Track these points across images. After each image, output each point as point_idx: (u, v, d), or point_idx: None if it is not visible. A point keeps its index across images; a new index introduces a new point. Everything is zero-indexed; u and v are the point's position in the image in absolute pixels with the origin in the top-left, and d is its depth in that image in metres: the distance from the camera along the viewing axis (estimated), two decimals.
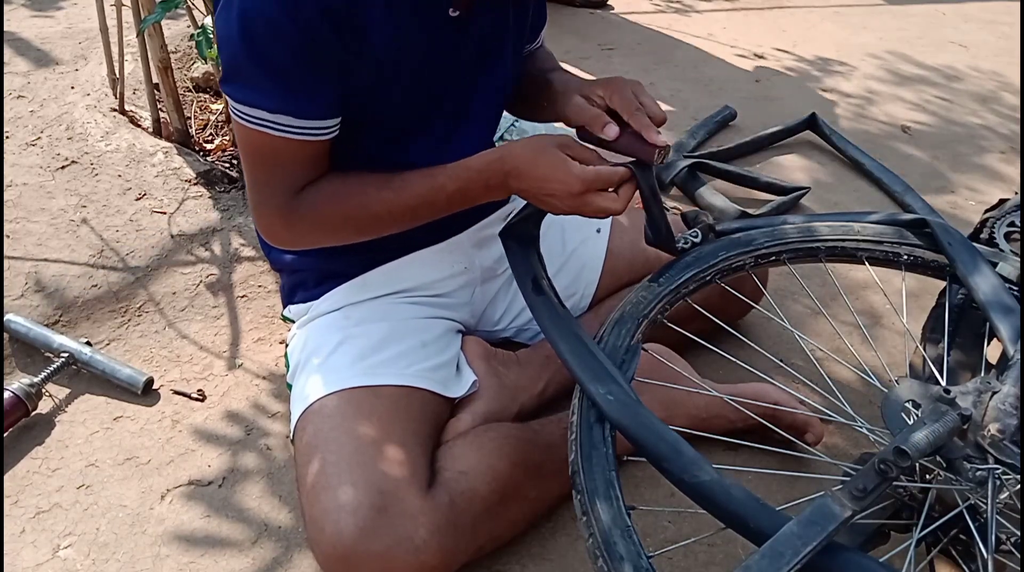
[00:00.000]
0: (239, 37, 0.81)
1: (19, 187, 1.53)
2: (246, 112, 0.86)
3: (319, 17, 0.80)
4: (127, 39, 1.72)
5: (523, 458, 0.96)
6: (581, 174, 0.86)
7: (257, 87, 0.84)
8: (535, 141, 0.90)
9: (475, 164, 0.92)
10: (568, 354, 0.85)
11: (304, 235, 0.97)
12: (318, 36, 0.82)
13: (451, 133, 1.00)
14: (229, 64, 0.85)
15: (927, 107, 2.35)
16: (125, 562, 0.97)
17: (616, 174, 0.87)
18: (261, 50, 0.82)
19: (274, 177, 0.91)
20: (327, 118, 0.89)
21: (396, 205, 0.94)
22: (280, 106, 0.85)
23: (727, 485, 0.71)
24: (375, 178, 0.94)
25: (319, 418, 0.94)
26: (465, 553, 0.90)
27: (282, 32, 0.81)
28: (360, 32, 0.84)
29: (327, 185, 0.94)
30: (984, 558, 0.72)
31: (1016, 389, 0.78)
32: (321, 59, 0.84)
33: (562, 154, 0.88)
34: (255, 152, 0.90)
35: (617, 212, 0.88)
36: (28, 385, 1.13)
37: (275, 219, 0.94)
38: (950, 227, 1.00)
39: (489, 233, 1.14)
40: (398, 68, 0.90)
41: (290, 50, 0.82)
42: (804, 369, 1.27)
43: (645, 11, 2.96)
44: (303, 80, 0.85)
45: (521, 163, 0.89)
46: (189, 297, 1.37)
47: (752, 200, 1.77)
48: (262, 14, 0.80)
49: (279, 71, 0.83)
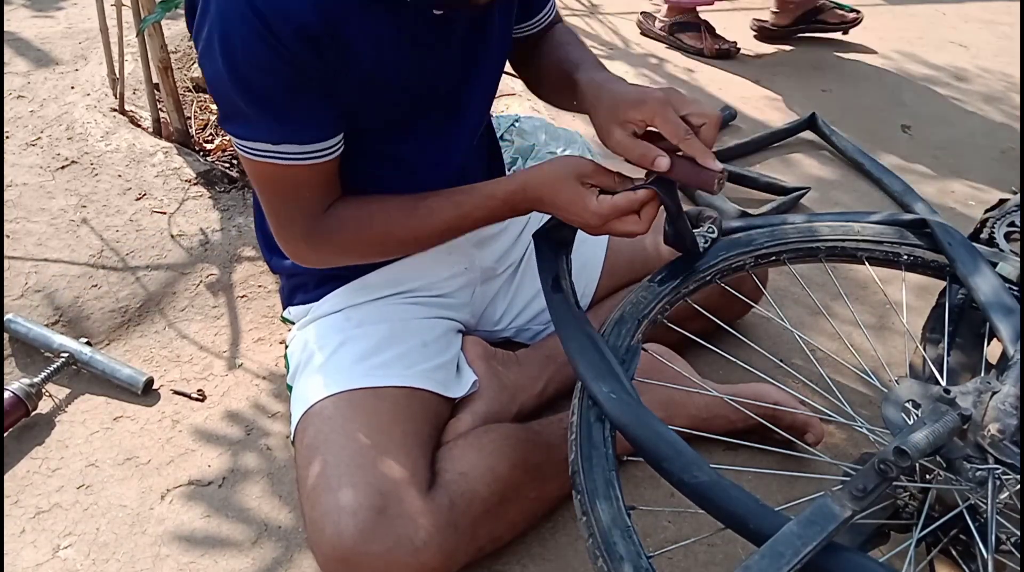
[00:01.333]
0: (227, 77, 0.81)
1: (19, 187, 1.53)
2: (250, 147, 0.86)
3: (300, 44, 0.79)
4: (127, 39, 1.72)
5: (523, 459, 0.96)
6: (598, 209, 0.85)
7: (256, 123, 0.84)
8: (556, 169, 0.88)
9: (499, 193, 0.92)
10: (574, 351, 0.85)
11: (330, 258, 0.99)
12: (303, 63, 0.81)
13: (443, 125, 1.00)
14: (223, 103, 0.85)
15: (927, 107, 2.35)
16: (125, 562, 0.97)
17: (636, 201, 0.85)
18: (251, 87, 0.81)
19: (292, 204, 0.92)
20: (330, 137, 0.88)
21: (422, 232, 0.95)
22: (282, 137, 0.85)
23: (726, 485, 0.71)
24: (398, 205, 0.95)
25: (319, 420, 0.94)
26: (465, 554, 0.90)
27: (267, 66, 0.80)
28: (343, 48, 0.83)
29: (350, 210, 0.94)
30: (984, 558, 0.72)
31: (1016, 389, 0.78)
32: (311, 84, 0.83)
33: (580, 187, 0.86)
34: (269, 183, 0.90)
35: (642, 233, 0.87)
36: (28, 385, 1.13)
37: (300, 245, 0.95)
38: (950, 227, 1.00)
39: (489, 233, 1.14)
40: (386, 74, 0.89)
41: (280, 82, 0.81)
42: (804, 369, 1.27)
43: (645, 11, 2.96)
44: (298, 108, 0.84)
45: (544, 194, 0.89)
46: (189, 297, 1.37)
47: (752, 200, 1.77)
48: (245, 52, 0.79)
49: (274, 104, 0.83)
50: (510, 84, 2.11)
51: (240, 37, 0.78)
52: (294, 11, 0.78)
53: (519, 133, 1.64)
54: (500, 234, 1.17)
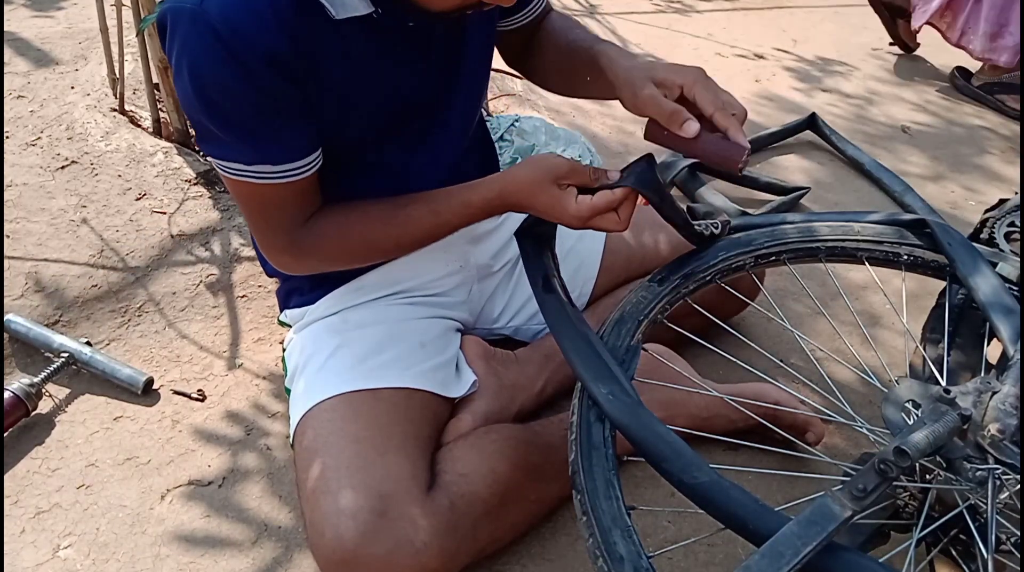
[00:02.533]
0: (196, 100, 0.80)
1: (19, 187, 1.53)
2: (227, 166, 0.86)
3: (269, 70, 0.78)
4: (127, 39, 1.72)
5: (524, 460, 0.96)
6: (577, 212, 0.86)
7: (229, 145, 0.84)
8: (531, 173, 0.88)
9: (476, 201, 0.93)
10: (572, 352, 0.85)
11: (314, 266, 1.01)
12: (274, 88, 0.80)
13: (425, 135, 1.00)
14: (195, 125, 0.85)
15: (927, 107, 2.35)
16: (125, 562, 0.97)
17: (614, 201, 0.85)
18: (221, 112, 0.81)
19: (272, 219, 0.92)
20: (305, 156, 0.88)
21: (403, 239, 0.96)
22: (255, 158, 0.85)
23: (727, 486, 0.71)
24: (378, 213, 0.95)
25: (318, 422, 0.94)
26: (466, 555, 0.90)
27: (234, 91, 0.79)
28: (314, 71, 0.82)
29: (330, 220, 0.94)
30: (984, 558, 0.72)
31: (1016, 389, 0.78)
32: (282, 108, 0.83)
33: (556, 190, 0.87)
34: (247, 200, 0.91)
35: (618, 229, 0.87)
36: (28, 385, 1.13)
37: (284, 256, 0.96)
38: (950, 227, 1.00)
39: (483, 230, 1.14)
40: (363, 92, 0.89)
41: (249, 107, 0.81)
42: (804, 369, 1.27)
43: (645, 11, 2.96)
44: (270, 131, 0.84)
45: (521, 199, 0.90)
46: (189, 297, 1.37)
47: (752, 200, 1.77)
48: (213, 79, 0.78)
49: (244, 128, 0.83)
50: (510, 84, 2.11)
51: (207, 64, 0.77)
52: (260, 37, 0.76)
53: (519, 133, 1.63)
54: (495, 231, 1.17)
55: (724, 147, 0.80)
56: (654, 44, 2.61)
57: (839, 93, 2.39)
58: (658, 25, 2.82)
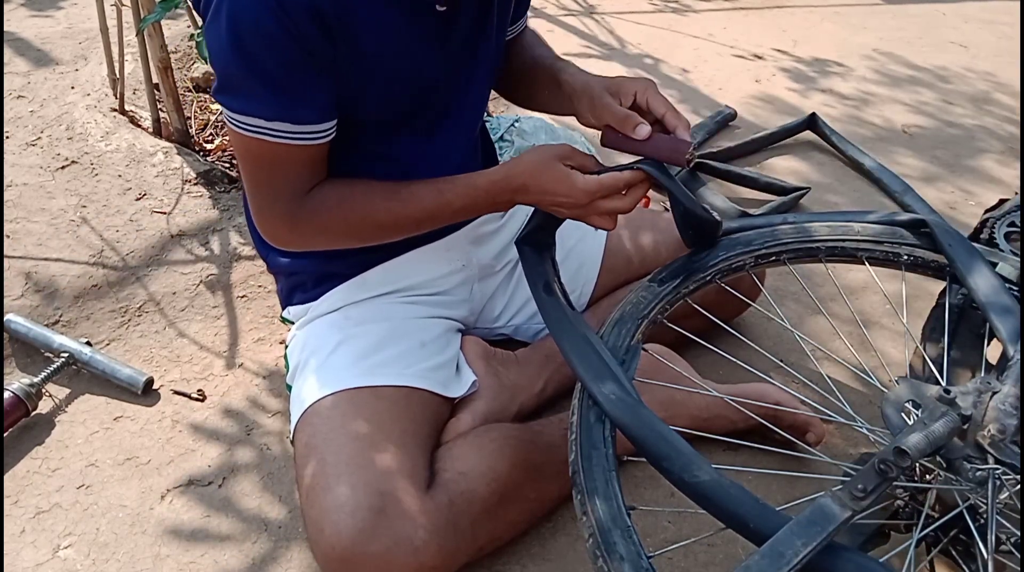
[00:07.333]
0: (230, 47, 0.81)
1: (19, 187, 1.53)
2: (242, 121, 0.86)
3: (309, 22, 0.80)
4: (127, 39, 1.72)
5: (523, 459, 0.96)
6: (585, 186, 0.87)
7: (252, 96, 0.84)
8: (537, 156, 0.91)
9: (482, 183, 0.93)
10: (572, 352, 0.85)
11: (307, 239, 0.99)
12: (309, 41, 0.81)
13: (436, 126, 1.00)
14: (222, 74, 0.85)
15: (927, 107, 2.35)
16: (125, 562, 0.97)
17: (621, 180, 0.88)
18: (253, 59, 0.81)
19: (276, 183, 0.92)
20: (324, 121, 0.89)
21: (402, 216, 0.95)
22: (277, 114, 0.85)
23: (727, 485, 0.71)
24: (382, 188, 0.95)
25: (318, 419, 0.94)
26: (464, 554, 0.90)
27: (273, 40, 0.80)
28: (350, 34, 0.84)
29: (333, 191, 0.94)
30: (984, 558, 0.72)
31: (1016, 389, 0.78)
32: (314, 64, 0.84)
33: (564, 167, 0.88)
34: (255, 160, 0.90)
35: (625, 210, 0.89)
36: (28, 385, 1.13)
37: (278, 223, 0.95)
38: (950, 227, 1.00)
39: (486, 230, 1.14)
40: (388, 66, 0.90)
41: (282, 57, 0.82)
42: (804, 369, 1.27)
43: (644, 11, 2.96)
44: (297, 87, 0.84)
45: (527, 180, 0.91)
46: (189, 297, 1.37)
47: (752, 200, 1.77)
48: (252, 23, 0.79)
49: (273, 79, 0.83)
50: None
51: (250, 8, 0.79)
52: None
53: (519, 133, 1.64)
54: (498, 231, 1.18)
55: (672, 144, 0.88)
56: (653, 44, 2.61)
57: (839, 93, 2.39)
58: (657, 25, 2.82)
